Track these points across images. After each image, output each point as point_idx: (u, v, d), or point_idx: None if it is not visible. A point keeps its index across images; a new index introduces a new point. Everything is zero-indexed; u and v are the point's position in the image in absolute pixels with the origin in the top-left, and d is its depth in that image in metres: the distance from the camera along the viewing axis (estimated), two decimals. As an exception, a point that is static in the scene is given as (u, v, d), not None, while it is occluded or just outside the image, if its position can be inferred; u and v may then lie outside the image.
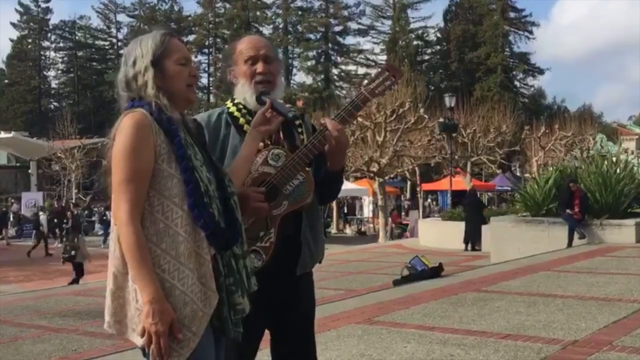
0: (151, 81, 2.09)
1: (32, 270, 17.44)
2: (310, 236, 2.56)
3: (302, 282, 2.60)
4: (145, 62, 2.11)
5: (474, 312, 6.19)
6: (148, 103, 2.08)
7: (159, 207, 2.04)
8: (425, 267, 10.14)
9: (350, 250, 19.91)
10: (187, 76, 2.18)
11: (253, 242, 2.38)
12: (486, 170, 38.96)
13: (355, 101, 2.47)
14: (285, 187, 2.41)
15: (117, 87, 2.17)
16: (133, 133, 2.01)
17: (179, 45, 2.18)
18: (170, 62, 2.14)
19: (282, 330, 2.60)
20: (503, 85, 60.36)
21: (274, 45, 2.83)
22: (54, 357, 6.13)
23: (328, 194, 2.62)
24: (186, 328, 1.99)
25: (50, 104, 70.15)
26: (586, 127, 36.64)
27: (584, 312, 6.04)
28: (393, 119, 25.97)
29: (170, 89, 2.13)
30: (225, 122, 2.55)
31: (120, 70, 2.17)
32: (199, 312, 2.00)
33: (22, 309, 9.61)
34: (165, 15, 70.73)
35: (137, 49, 2.14)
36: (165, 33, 2.20)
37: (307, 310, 2.64)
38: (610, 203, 13.67)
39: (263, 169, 2.43)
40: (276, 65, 2.59)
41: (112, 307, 2.05)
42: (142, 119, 2.03)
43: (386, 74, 2.51)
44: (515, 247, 13.18)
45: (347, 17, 67.05)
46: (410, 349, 4.84)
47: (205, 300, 2.02)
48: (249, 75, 2.53)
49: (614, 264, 9.73)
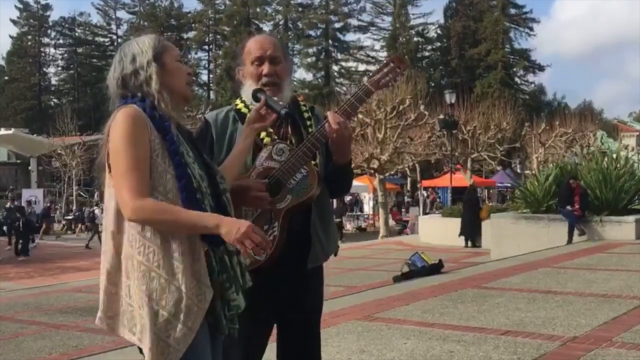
0: (155, 76, 2.10)
1: (33, 267, 17.45)
2: (320, 229, 2.55)
3: (311, 278, 2.59)
4: (147, 58, 2.12)
5: (473, 309, 6.20)
6: (141, 100, 2.09)
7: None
8: (425, 264, 10.15)
9: (350, 247, 19.93)
10: (184, 73, 2.21)
11: None
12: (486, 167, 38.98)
13: (358, 93, 2.45)
14: (289, 181, 2.42)
15: (110, 85, 2.16)
16: (129, 123, 2.02)
17: (172, 45, 2.22)
18: (169, 58, 2.17)
19: (288, 326, 2.61)
20: (503, 82, 60.33)
21: (283, 44, 2.82)
22: (54, 353, 6.15)
23: (336, 188, 2.62)
24: (182, 323, 2.00)
25: (51, 101, 70.07)
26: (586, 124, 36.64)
27: (583, 308, 6.04)
28: (393, 115, 25.96)
29: (170, 85, 2.14)
30: (233, 118, 2.58)
31: (113, 69, 2.17)
32: (194, 307, 2.01)
33: (23, 305, 9.64)
34: (165, 12, 70.64)
35: (135, 47, 2.15)
36: (158, 34, 2.25)
37: (314, 306, 2.65)
38: (610, 200, 13.67)
39: (268, 164, 2.44)
40: (284, 65, 2.59)
41: (105, 303, 2.07)
42: (136, 112, 2.05)
43: (391, 65, 2.48)
44: (515, 244, 13.19)
45: (347, 14, 67.03)
46: (410, 345, 4.84)
47: (200, 295, 2.03)
48: (256, 76, 2.55)
49: (614, 261, 9.73)
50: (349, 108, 2.43)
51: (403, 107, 26.02)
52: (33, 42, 69.97)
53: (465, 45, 64.42)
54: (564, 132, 34.29)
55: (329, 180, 2.52)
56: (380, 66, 2.51)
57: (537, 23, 69.14)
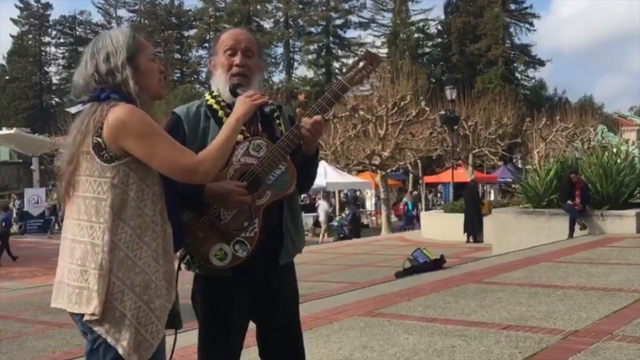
0: (132, 80, 2.13)
1: (36, 267, 17.48)
2: (291, 226, 2.59)
3: (284, 272, 2.62)
4: (122, 59, 2.13)
5: (475, 304, 6.22)
6: (124, 97, 2.12)
7: (146, 200, 2.11)
8: (427, 259, 10.15)
9: (352, 243, 19.95)
10: (157, 72, 2.24)
11: (237, 232, 2.42)
12: (488, 162, 38.93)
13: (334, 89, 2.51)
14: (268, 177, 2.44)
15: (82, 79, 2.16)
16: (142, 112, 2.09)
17: (146, 42, 2.24)
18: (143, 59, 2.19)
19: (266, 321, 2.62)
20: (504, 77, 60.18)
21: (261, 43, 2.85)
22: (57, 352, 6.18)
23: (304, 180, 2.63)
24: (157, 319, 2.08)
25: (52, 100, 70.10)
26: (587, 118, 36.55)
27: (584, 302, 6.06)
28: (394, 112, 25.95)
29: (144, 85, 2.17)
30: (205, 114, 2.57)
31: (85, 64, 2.17)
32: (164, 305, 2.11)
33: (26, 304, 9.67)
34: (166, 10, 70.64)
35: (109, 45, 2.16)
36: (132, 29, 2.26)
37: (290, 300, 2.66)
38: (611, 194, 13.67)
39: (245, 160, 2.45)
40: (256, 61, 2.61)
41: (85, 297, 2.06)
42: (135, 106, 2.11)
43: (364, 62, 2.54)
44: (516, 239, 13.21)
45: (348, 10, 66.93)
46: (412, 340, 4.87)
47: (167, 295, 2.13)
48: (226, 66, 2.56)
49: (615, 255, 9.74)
50: (325, 104, 2.50)
51: (404, 103, 25.99)
52: (34, 41, 70.03)
53: (466, 41, 64.29)
54: (565, 126, 34.21)
55: (298, 173, 2.54)
56: (353, 63, 2.57)
57: (538, 18, 68.81)
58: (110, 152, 2.06)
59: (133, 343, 2.01)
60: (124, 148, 2.06)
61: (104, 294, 2.01)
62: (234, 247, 2.41)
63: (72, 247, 2.09)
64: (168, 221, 2.16)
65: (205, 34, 69.13)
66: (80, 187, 2.09)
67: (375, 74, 27.09)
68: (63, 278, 2.12)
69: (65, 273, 2.11)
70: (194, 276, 2.59)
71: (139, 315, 2.03)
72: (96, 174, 2.07)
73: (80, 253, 2.06)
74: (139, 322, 2.03)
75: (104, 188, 2.06)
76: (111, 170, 2.06)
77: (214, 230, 2.41)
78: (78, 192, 2.10)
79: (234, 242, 2.41)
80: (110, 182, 2.06)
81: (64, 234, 2.16)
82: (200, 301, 2.57)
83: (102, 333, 2.03)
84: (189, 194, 2.29)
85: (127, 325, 2.01)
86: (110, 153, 2.06)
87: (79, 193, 2.10)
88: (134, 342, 2.02)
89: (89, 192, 2.07)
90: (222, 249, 2.41)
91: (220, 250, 2.41)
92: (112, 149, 2.06)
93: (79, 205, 2.09)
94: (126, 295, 2.02)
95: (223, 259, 2.41)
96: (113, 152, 2.06)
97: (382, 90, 26.34)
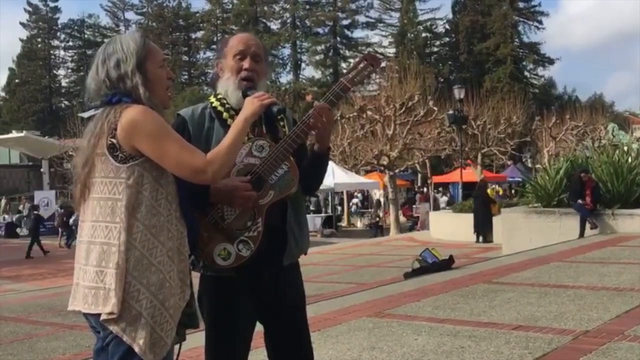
0: (142, 86, 2.15)
1: (47, 268, 17.56)
2: (295, 226, 2.60)
3: (289, 272, 2.62)
4: (132, 66, 2.15)
5: (484, 304, 6.19)
6: (136, 101, 2.13)
7: (161, 199, 2.12)
8: (435, 260, 10.12)
9: (361, 244, 19.93)
10: (165, 79, 2.25)
11: (241, 232, 2.44)
12: (497, 161, 38.83)
13: (335, 90, 2.53)
14: (271, 177, 2.46)
15: (95, 83, 2.19)
16: (155, 114, 2.11)
17: (156, 47, 2.25)
18: (152, 66, 2.20)
19: (272, 321, 2.63)
20: (513, 76, 60.01)
21: (266, 48, 2.88)
22: (68, 353, 6.20)
23: (312, 180, 2.64)
24: (171, 318, 2.09)
25: (61, 103, 70.47)
26: (597, 117, 36.42)
27: (595, 302, 6.01)
28: (402, 111, 25.89)
29: (152, 92, 2.19)
30: (209, 116, 2.59)
31: (96, 69, 2.20)
32: (178, 303, 2.12)
33: (37, 306, 9.70)
34: (173, 12, 70.85)
35: (119, 51, 2.18)
36: (143, 34, 2.25)
37: (296, 299, 2.67)
38: (622, 193, 13.57)
39: (248, 160, 2.47)
40: (263, 66, 2.64)
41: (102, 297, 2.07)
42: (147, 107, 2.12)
43: (364, 62, 2.56)
44: (526, 238, 13.15)
45: (355, 11, 66.91)
46: (421, 341, 4.84)
47: (181, 294, 2.14)
48: (236, 70, 2.59)
49: (626, 254, 9.67)
50: (327, 104, 2.52)
51: (412, 103, 25.94)
52: (43, 45, 70.39)
53: (474, 39, 64.13)
54: (575, 125, 34.09)
55: (306, 174, 2.55)
56: (354, 64, 2.58)
57: (546, 16, 68.95)
58: (125, 152, 2.09)
59: (149, 341, 2.03)
60: (137, 148, 2.08)
61: (121, 293, 2.03)
62: (238, 246, 2.43)
63: (87, 249, 2.11)
64: (182, 220, 2.18)
65: (213, 36, 69.24)
66: (95, 189, 2.12)
67: (382, 74, 27.10)
68: (78, 280, 2.14)
69: (81, 275, 2.13)
70: (199, 277, 2.60)
71: (154, 314, 2.05)
72: (111, 175, 2.09)
73: (96, 254, 2.08)
74: (154, 320, 2.05)
75: (119, 189, 2.08)
76: (126, 171, 2.09)
77: (217, 230, 2.44)
78: (93, 194, 2.13)
79: (237, 242, 2.43)
80: (125, 183, 2.08)
81: (80, 237, 2.18)
82: (206, 302, 2.58)
83: (118, 332, 2.04)
84: (195, 193, 2.30)
85: (143, 324, 2.03)
86: (124, 153, 2.09)
87: (94, 195, 2.12)
88: (149, 341, 2.04)
89: (105, 193, 2.10)
90: (226, 249, 2.43)
91: (224, 250, 2.43)
92: (126, 149, 2.08)
93: (94, 207, 2.12)
94: (142, 294, 2.05)
95: (227, 259, 2.43)
96: (127, 152, 2.09)
97: (389, 90, 26.30)
